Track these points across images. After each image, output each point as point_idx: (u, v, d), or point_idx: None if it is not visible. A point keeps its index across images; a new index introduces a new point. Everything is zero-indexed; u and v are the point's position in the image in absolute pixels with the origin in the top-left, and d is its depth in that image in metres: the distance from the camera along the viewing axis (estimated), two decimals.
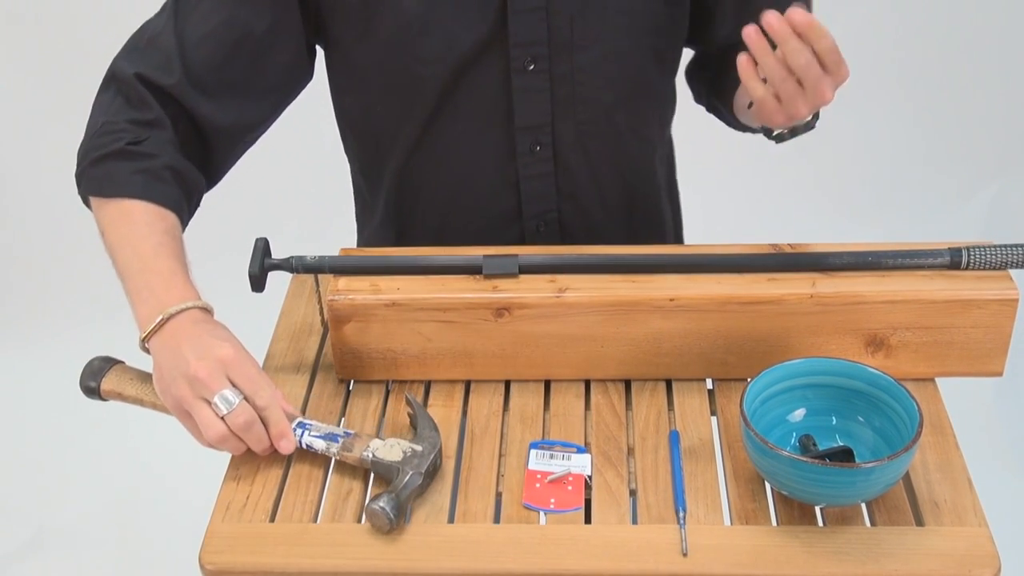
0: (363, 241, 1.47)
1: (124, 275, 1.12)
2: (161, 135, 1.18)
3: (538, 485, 1.08)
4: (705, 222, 2.83)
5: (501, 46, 1.21)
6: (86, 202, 1.19)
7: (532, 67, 1.22)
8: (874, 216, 2.98)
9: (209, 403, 1.04)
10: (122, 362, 1.19)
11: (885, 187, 3.04)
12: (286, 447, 1.07)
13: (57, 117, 2.82)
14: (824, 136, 1.33)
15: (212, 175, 1.27)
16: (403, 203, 1.36)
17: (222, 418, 1.03)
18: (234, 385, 1.04)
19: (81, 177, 1.18)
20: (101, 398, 1.18)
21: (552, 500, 1.06)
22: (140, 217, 1.14)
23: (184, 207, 1.19)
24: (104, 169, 1.16)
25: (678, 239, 1.49)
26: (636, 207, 1.38)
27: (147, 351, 1.10)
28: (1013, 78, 2.98)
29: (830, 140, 2.69)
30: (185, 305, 1.08)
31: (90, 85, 1.23)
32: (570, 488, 1.08)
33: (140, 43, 1.21)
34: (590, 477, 1.09)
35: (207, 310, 1.11)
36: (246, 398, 1.04)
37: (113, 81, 1.20)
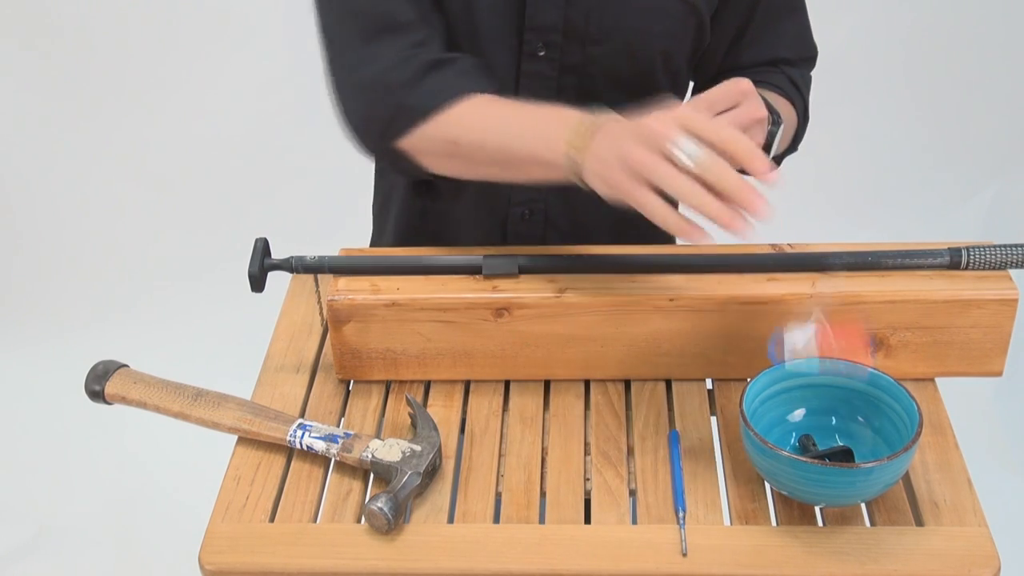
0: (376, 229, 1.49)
1: (507, 135, 1.10)
2: (442, 45, 1.19)
3: None
4: (705, 221, 2.83)
5: (516, 27, 1.21)
6: (410, 124, 1.15)
7: (542, 53, 1.22)
8: (874, 216, 2.97)
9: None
10: (126, 365, 1.20)
11: (885, 187, 3.04)
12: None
13: (58, 118, 2.84)
14: (824, 136, 1.33)
15: None
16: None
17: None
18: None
19: (403, 104, 1.15)
20: (106, 402, 1.18)
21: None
22: (490, 102, 1.14)
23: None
24: (431, 82, 1.14)
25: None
26: (628, 211, 1.37)
27: (577, 166, 1.04)
28: (1013, 78, 2.98)
29: (830, 140, 2.69)
30: (605, 115, 1.04)
31: (92, 86, 1.23)
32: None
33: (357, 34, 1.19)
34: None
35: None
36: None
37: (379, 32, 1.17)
